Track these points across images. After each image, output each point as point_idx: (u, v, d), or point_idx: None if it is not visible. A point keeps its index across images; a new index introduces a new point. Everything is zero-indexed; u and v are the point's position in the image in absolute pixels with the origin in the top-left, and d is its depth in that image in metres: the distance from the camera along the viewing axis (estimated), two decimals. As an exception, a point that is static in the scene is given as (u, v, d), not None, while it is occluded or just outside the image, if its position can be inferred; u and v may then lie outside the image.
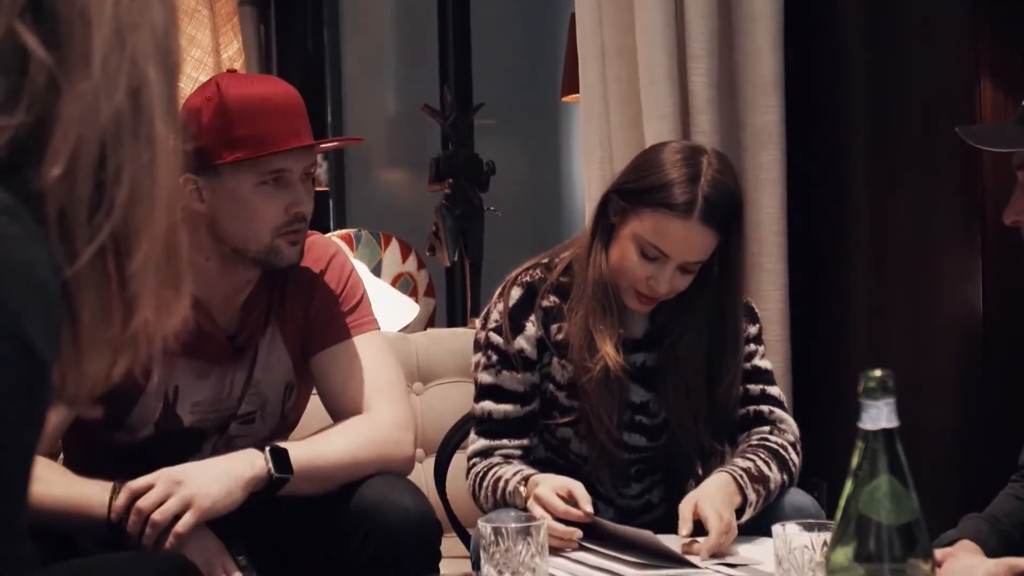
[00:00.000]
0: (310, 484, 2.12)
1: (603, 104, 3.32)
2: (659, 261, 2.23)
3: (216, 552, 2.04)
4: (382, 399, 2.25)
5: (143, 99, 0.95)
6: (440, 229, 4.29)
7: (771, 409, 2.40)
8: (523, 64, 5.78)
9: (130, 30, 0.94)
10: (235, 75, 2.27)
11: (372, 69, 6.21)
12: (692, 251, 2.24)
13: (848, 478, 1.30)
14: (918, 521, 1.27)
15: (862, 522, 1.27)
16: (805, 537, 1.82)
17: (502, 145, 5.41)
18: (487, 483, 2.31)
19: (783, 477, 2.29)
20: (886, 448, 1.28)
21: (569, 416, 2.37)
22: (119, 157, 0.93)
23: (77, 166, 0.91)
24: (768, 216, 3.21)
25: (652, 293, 2.26)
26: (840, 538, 1.29)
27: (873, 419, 1.28)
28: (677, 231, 2.21)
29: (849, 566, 1.28)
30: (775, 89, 3.22)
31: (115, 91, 0.92)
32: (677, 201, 2.20)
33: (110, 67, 0.92)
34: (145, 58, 0.95)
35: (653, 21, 3.16)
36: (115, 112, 0.93)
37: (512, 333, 2.35)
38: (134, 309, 0.96)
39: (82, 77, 0.91)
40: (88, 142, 0.91)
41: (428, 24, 5.63)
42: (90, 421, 2.11)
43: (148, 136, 0.95)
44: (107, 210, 0.92)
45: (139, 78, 0.94)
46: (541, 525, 1.93)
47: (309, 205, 2.18)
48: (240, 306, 2.27)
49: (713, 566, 2.04)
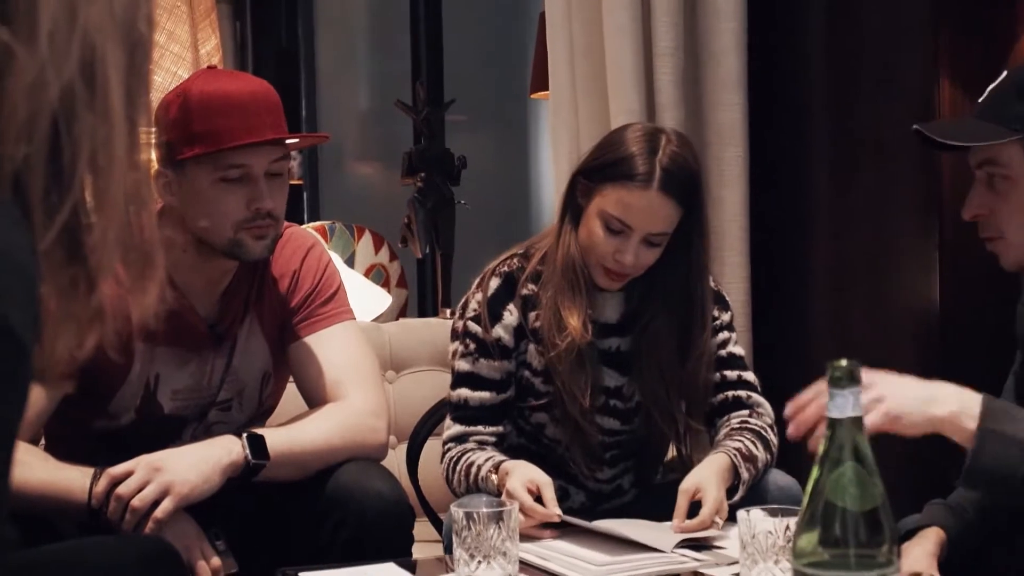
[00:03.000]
0: (286, 469, 2.11)
1: (572, 101, 3.31)
2: (624, 234, 2.24)
3: (194, 536, 2.03)
4: (356, 387, 2.24)
5: (97, 73, 0.91)
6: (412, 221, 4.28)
7: (748, 394, 2.41)
8: (493, 61, 5.78)
9: (83, 4, 0.90)
10: (211, 72, 2.25)
11: (345, 65, 6.19)
12: (654, 221, 2.24)
13: (815, 465, 1.29)
14: (883, 507, 1.26)
15: (828, 508, 1.26)
16: (769, 522, 1.82)
17: (473, 140, 5.41)
18: (460, 468, 2.30)
19: (767, 456, 2.31)
20: (852, 435, 1.27)
21: (543, 400, 2.36)
22: (74, 131, 0.90)
23: (31, 142, 0.88)
24: (730, 210, 3.22)
25: (619, 268, 2.27)
26: (806, 523, 1.28)
27: (840, 407, 1.27)
28: (638, 201, 2.22)
29: (814, 551, 1.27)
30: (738, 87, 3.22)
31: (65, 64, 0.89)
32: (637, 172, 2.22)
33: (58, 39, 0.89)
34: (100, 31, 0.91)
35: (620, 20, 3.15)
36: (66, 85, 0.89)
37: (490, 322, 2.34)
38: (95, 282, 0.94)
39: (27, 52, 0.88)
40: (40, 117, 0.88)
41: (400, 21, 5.62)
42: (73, 408, 2.10)
43: (104, 111, 0.92)
44: (67, 186, 0.90)
45: (91, 51, 0.91)
46: (512, 510, 1.93)
47: (275, 201, 2.15)
48: (220, 296, 2.26)
49: (679, 551, 2.03)
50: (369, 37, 6.26)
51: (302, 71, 5.97)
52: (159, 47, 3.82)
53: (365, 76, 6.31)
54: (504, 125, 5.96)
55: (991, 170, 1.89)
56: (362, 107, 6.28)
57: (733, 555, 1.95)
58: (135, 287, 0.97)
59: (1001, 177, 1.89)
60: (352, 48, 6.24)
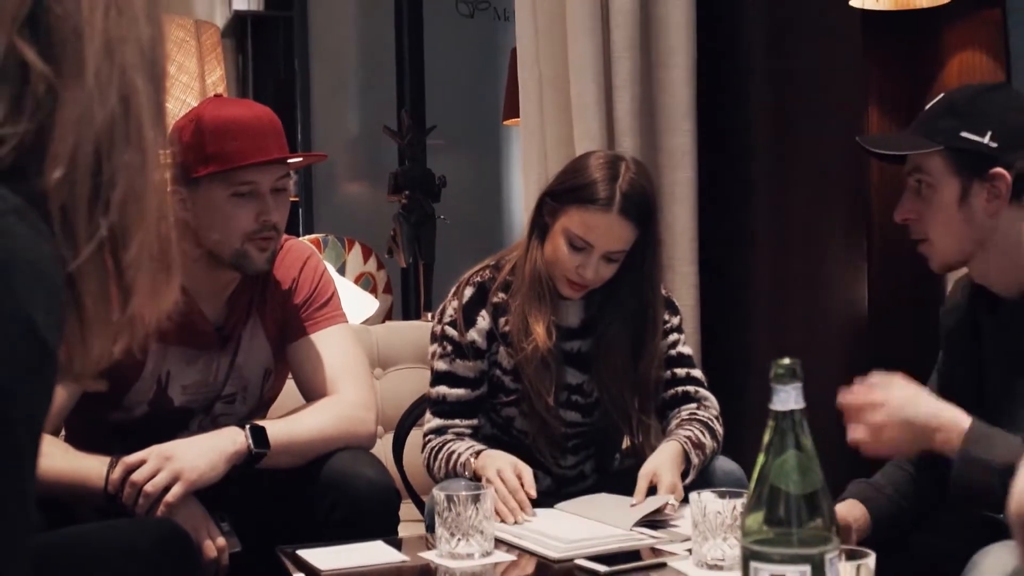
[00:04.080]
0: (285, 457, 2.10)
1: (540, 127, 3.31)
2: (586, 251, 2.24)
3: (202, 519, 2.01)
4: (348, 382, 2.23)
5: (133, 106, 0.92)
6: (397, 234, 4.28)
7: (696, 389, 2.41)
8: (471, 91, 5.78)
9: (119, 43, 0.91)
10: (219, 99, 2.24)
11: (337, 94, 6.17)
12: (613, 241, 2.24)
13: (760, 453, 1.29)
14: (822, 491, 1.26)
15: (772, 491, 1.26)
16: (718, 503, 1.82)
17: (452, 162, 5.40)
18: (441, 456, 2.30)
19: (714, 444, 2.31)
20: (793, 427, 1.27)
21: (512, 396, 2.36)
22: (113, 160, 0.91)
23: (76, 168, 0.89)
24: (682, 225, 3.22)
25: (581, 280, 2.27)
26: (753, 505, 1.28)
27: (783, 401, 1.27)
28: (600, 223, 2.22)
29: (760, 529, 1.27)
30: (688, 116, 3.22)
31: (107, 99, 0.90)
32: (599, 197, 2.22)
33: (102, 77, 0.90)
34: (134, 68, 0.92)
35: (583, 56, 3.15)
36: (108, 118, 0.90)
37: (465, 326, 2.34)
38: (131, 295, 0.94)
39: (77, 86, 0.88)
40: (85, 146, 0.89)
41: (387, 55, 5.62)
42: (91, 401, 2.08)
43: (139, 140, 0.93)
44: (104, 208, 0.90)
45: (128, 87, 0.92)
46: (488, 493, 1.92)
47: (278, 214, 2.15)
48: (226, 301, 2.25)
49: (638, 530, 2.03)
50: (358, 69, 6.25)
51: (298, 99, 5.96)
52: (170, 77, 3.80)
53: (355, 104, 6.29)
54: (480, 149, 5.96)
55: (919, 177, 1.90)
56: (352, 132, 6.26)
57: (686, 533, 1.95)
58: (154, 294, 0.96)
59: (926, 184, 1.89)
60: (343, 78, 6.22)
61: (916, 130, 1.93)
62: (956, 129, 1.85)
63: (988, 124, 1.84)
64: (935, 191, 1.89)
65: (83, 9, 0.89)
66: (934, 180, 1.88)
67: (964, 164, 1.85)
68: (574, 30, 3.17)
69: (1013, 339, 1.89)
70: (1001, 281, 1.90)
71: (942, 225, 1.89)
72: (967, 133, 1.84)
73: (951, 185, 1.87)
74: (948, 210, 1.88)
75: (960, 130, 1.85)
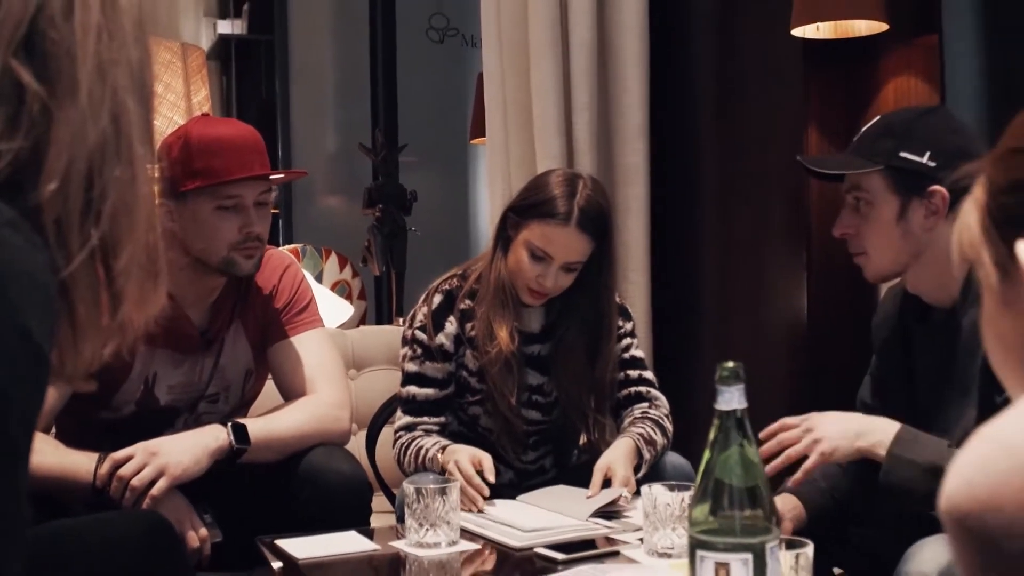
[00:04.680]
0: (265, 453, 2.10)
1: (504, 146, 3.31)
2: (545, 262, 2.25)
3: (186, 511, 2.01)
4: (324, 383, 2.23)
5: (123, 124, 0.91)
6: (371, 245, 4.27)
7: (647, 389, 2.42)
8: (440, 112, 5.77)
9: (110, 65, 0.90)
10: (206, 118, 2.23)
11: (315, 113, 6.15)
12: (571, 252, 2.25)
13: (706, 449, 1.30)
14: (763, 484, 1.27)
15: (718, 484, 1.27)
16: (668, 496, 1.83)
17: (422, 178, 5.39)
18: (410, 452, 2.29)
19: (664, 441, 2.32)
20: (737, 425, 1.28)
21: (478, 396, 2.36)
22: (104, 175, 0.90)
23: (69, 182, 0.88)
24: (635, 238, 3.23)
25: (542, 289, 2.27)
26: (699, 497, 1.28)
27: (727, 401, 1.28)
28: (559, 236, 2.23)
29: (706, 520, 1.27)
30: (641, 136, 3.24)
31: (99, 117, 0.89)
32: (558, 212, 2.22)
33: (95, 97, 0.89)
34: (124, 89, 0.91)
35: (545, 81, 3.16)
36: (100, 136, 0.89)
37: (434, 331, 2.34)
38: (121, 301, 0.93)
39: (71, 106, 0.88)
40: (78, 162, 0.88)
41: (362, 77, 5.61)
42: (81, 400, 2.07)
43: (128, 156, 0.92)
44: (96, 220, 0.90)
45: (119, 106, 0.91)
46: (455, 486, 1.92)
47: (261, 226, 2.15)
48: (210, 306, 2.24)
49: (593, 520, 2.03)
50: (335, 90, 6.23)
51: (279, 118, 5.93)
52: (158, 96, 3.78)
53: (332, 123, 6.27)
54: (448, 166, 5.95)
55: (857, 195, 1.90)
56: (329, 149, 6.24)
57: (638, 523, 1.96)
58: (143, 300, 0.96)
59: (865, 202, 1.89)
60: (321, 99, 6.20)
61: (855, 151, 1.92)
62: (895, 149, 1.85)
63: (926, 145, 1.84)
64: (874, 208, 1.88)
65: (77, 33, 0.88)
66: (873, 197, 1.88)
67: (903, 182, 1.85)
68: (536, 57, 3.18)
69: (942, 349, 1.89)
70: (933, 292, 1.90)
71: (880, 239, 1.89)
72: (906, 153, 1.84)
73: (890, 202, 1.87)
74: (886, 225, 1.87)
75: (899, 150, 1.85)
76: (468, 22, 5.75)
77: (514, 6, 3.25)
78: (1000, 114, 2.59)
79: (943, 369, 1.88)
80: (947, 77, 2.57)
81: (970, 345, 1.80)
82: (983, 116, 2.61)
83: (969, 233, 0.85)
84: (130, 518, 1.82)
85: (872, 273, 1.94)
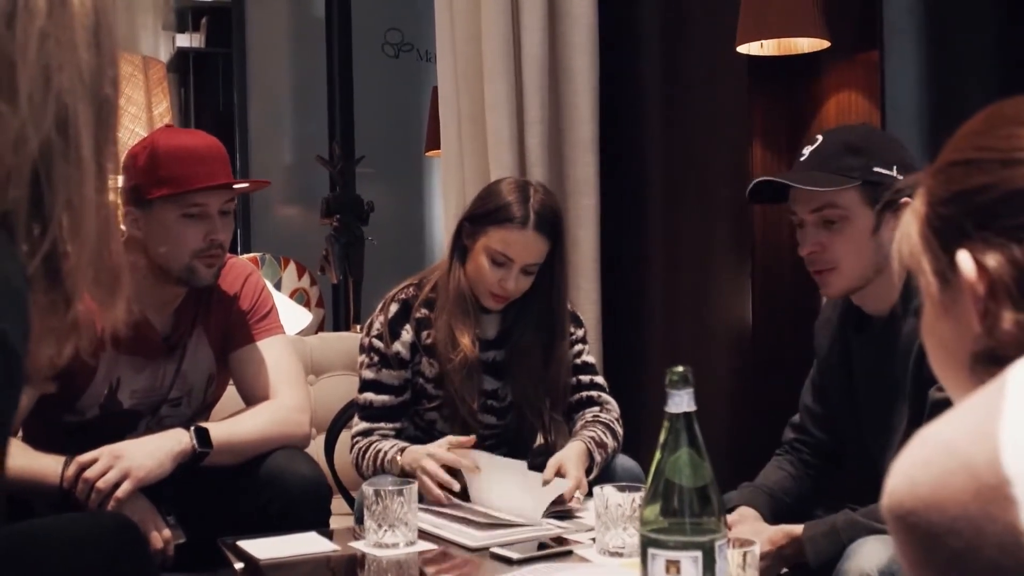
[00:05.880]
0: (227, 456, 2.09)
1: (459, 159, 3.32)
2: (506, 266, 2.26)
3: (149, 513, 2.00)
4: (285, 388, 2.22)
5: (71, 129, 0.89)
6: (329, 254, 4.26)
7: (599, 394, 2.43)
8: (396, 125, 5.77)
9: (56, 70, 0.88)
10: (171, 129, 2.23)
11: (273, 125, 6.12)
12: (531, 254, 2.27)
13: (656, 450, 1.31)
14: (711, 485, 1.29)
15: (667, 485, 1.28)
16: (619, 496, 1.84)
17: (379, 189, 5.38)
18: (369, 455, 2.29)
19: (615, 443, 2.33)
20: (686, 427, 1.29)
21: (435, 402, 2.36)
22: (52, 178, 0.88)
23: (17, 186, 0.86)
24: (585, 247, 3.25)
25: (504, 292, 2.28)
26: (650, 498, 1.29)
27: (676, 404, 1.29)
28: (518, 240, 2.24)
29: (657, 520, 1.28)
30: (592, 149, 3.26)
31: (42, 123, 0.87)
32: (515, 216, 2.24)
33: (35, 101, 0.87)
34: (71, 93, 0.89)
35: (498, 94, 3.18)
36: (44, 140, 0.87)
37: (391, 339, 2.33)
38: (72, 301, 0.92)
39: (10, 111, 0.86)
40: (22, 166, 0.86)
41: (319, 90, 5.59)
42: (46, 404, 2.05)
43: (77, 159, 0.90)
44: (44, 222, 0.88)
45: (65, 110, 0.89)
46: (412, 488, 1.92)
47: (224, 234, 2.15)
48: (173, 313, 2.23)
49: (547, 521, 2.04)
50: (293, 102, 6.20)
51: (236, 129, 5.90)
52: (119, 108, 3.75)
53: (289, 134, 6.24)
54: (404, 177, 5.95)
55: (830, 212, 1.86)
56: (287, 160, 6.21)
57: (590, 523, 1.97)
58: (106, 304, 0.95)
59: (839, 217, 1.85)
60: (278, 111, 6.17)
61: (821, 168, 1.87)
62: (867, 165, 1.84)
63: (891, 159, 1.84)
64: (849, 223, 1.85)
65: (18, 39, 0.87)
66: (848, 213, 1.85)
67: (878, 197, 1.83)
68: (489, 72, 3.19)
69: (882, 357, 1.89)
70: (875, 302, 1.91)
71: (853, 254, 1.86)
72: (879, 168, 1.83)
73: (865, 216, 1.85)
74: (861, 240, 1.85)
75: (872, 165, 1.83)
76: (423, 38, 5.76)
77: (468, 22, 3.26)
78: (938, 128, 2.64)
79: (882, 374, 1.89)
80: (887, 92, 2.60)
81: (908, 351, 1.83)
82: (923, 130, 2.65)
83: (909, 243, 0.87)
84: (96, 519, 1.81)
85: (837, 289, 1.90)
